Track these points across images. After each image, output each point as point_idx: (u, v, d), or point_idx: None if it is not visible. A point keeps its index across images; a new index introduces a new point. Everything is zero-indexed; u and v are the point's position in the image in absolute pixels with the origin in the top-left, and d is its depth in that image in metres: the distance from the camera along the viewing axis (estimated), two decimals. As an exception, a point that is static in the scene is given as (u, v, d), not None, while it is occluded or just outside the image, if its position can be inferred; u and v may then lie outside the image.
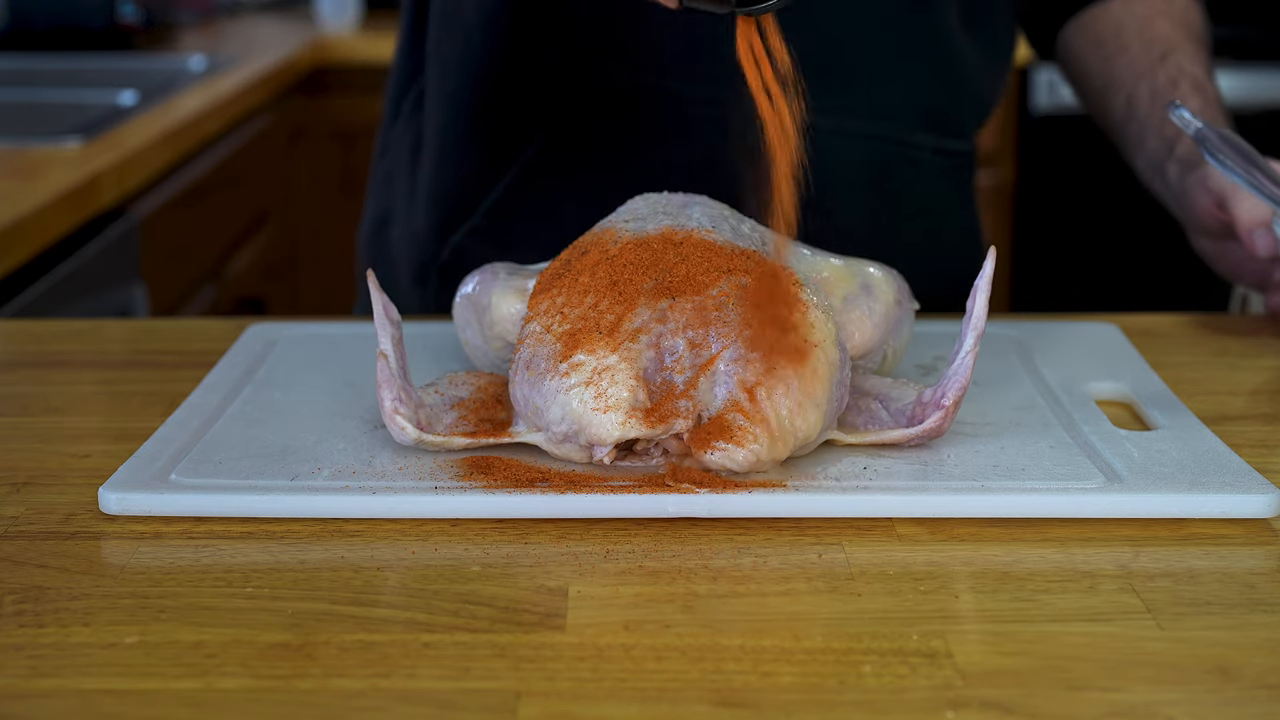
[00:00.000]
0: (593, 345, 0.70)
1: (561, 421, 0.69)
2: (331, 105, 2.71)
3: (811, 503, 0.67)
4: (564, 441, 0.70)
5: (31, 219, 1.38)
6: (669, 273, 0.73)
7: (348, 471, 0.70)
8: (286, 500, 0.68)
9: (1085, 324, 0.93)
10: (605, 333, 0.70)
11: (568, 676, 0.55)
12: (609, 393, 0.68)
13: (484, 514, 0.67)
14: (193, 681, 0.55)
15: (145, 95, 1.98)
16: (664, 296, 0.72)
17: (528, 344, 0.72)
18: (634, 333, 0.70)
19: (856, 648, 0.57)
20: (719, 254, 0.73)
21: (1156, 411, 0.78)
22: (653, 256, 0.73)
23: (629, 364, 0.69)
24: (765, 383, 0.68)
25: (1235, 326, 0.98)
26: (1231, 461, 0.71)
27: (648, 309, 0.71)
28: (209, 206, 2.07)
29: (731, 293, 0.71)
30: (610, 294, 0.72)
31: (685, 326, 0.71)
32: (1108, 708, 0.53)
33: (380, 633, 0.58)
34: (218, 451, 0.73)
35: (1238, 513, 0.67)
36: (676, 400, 0.69)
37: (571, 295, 0.72)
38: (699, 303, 0.71)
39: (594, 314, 0.71)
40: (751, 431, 0.67)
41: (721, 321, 0.70)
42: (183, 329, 1.04)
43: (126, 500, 0.68)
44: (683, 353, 0.70)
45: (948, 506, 0.67)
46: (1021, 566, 0.64)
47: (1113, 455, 0.72)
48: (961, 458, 0.72)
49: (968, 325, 0.72)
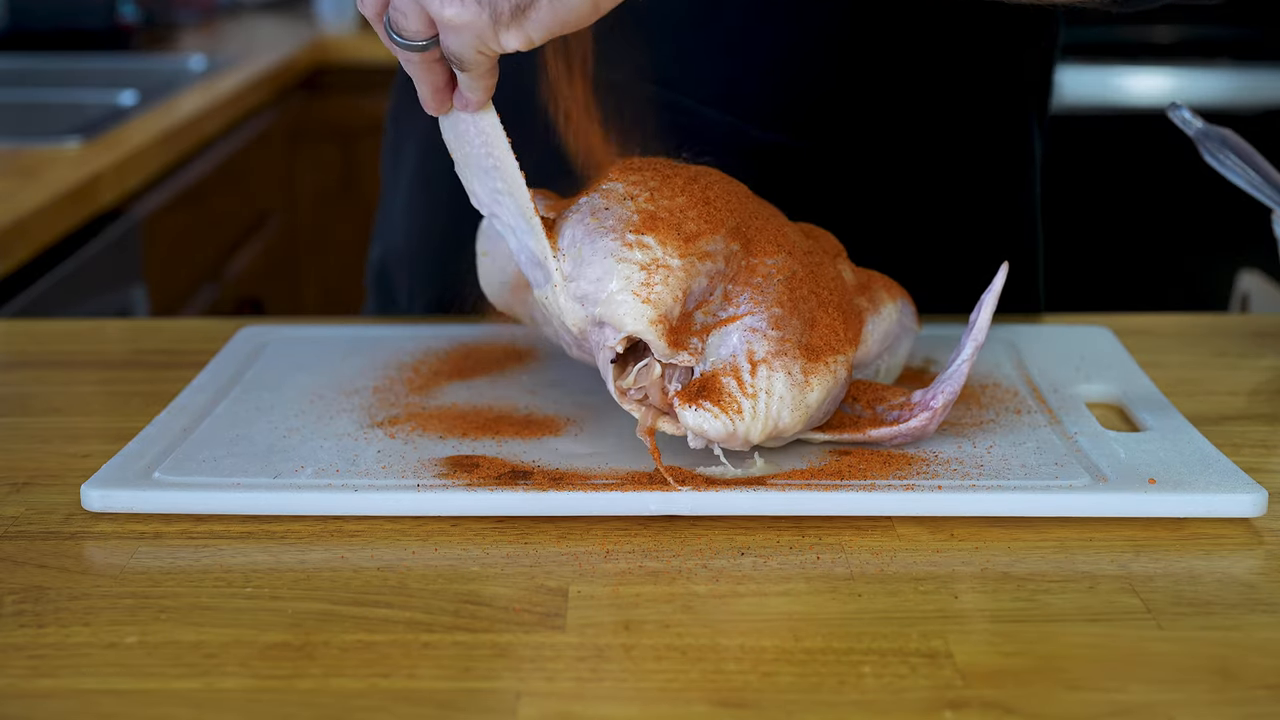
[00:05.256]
0: (666, 238, 0.69)
1: (595, 281, 0.68)
2: (331, 105, 2.71)
3: (810, 501, 0.67)
4: (578, 300, 0.69)
5: (31, 219, 1.38)
6: (749, 222, 0.73)
7: (331, 470, 0.70)
8: (269, 497, 0.68)
9: (1076, 327, 0.93)
10: (685, 238, 0.70)
11: (568, 676, 0.55)
12: (656, 288, 0.68)
13: (465, 511, 0.67)
14: (193, 681, 0.55)
15: (145, 95, 1.98)
16: (738, 239, 0.72)
17: (605, 197, 0.71)
18: (704, 254, 0.70)
19: (856, 648, 0.57)
20: (786, 230, 0.74)
21: (1145, 414, 0.78)
22: (740, 200, 0.74)
23: (686, 276, 0.69)
24: (770, 361, 0.68)
25: (1235, 326, 0.98)
26: (1218, 461, 0.71)
27: (723, 241, 0.71)
28: (209, 206, 2.07)
29: (782, 271, 0.72)
30: (700, 208, 0.72)
31: (733, 278, 0.71)
32: (1108, 708, 0.53)
33: (380, 633, 0.58)
34: (202, 450, 0.73)
35: (1224, 512, 0.67)
36: (692, 336, 0.69)
37: (664, 186, 0.72)
38: (754, 264, 0.72)
39: (680, 215, 0.71)
40: (738, 401, 0.67)
41: (761, 290, 0.70)
42: (183, 329, 1.04)
43: (109, 497, 0.68)
44: (717, 298, 0.71)
45: (933, 505, 0.67)
46: (1021, 566, 0.64)
47: (1099, 455, 0.72)
48: (948, 455, 0.72)
49: (968, 335, 0.72)
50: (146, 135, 1.74)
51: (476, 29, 0.64)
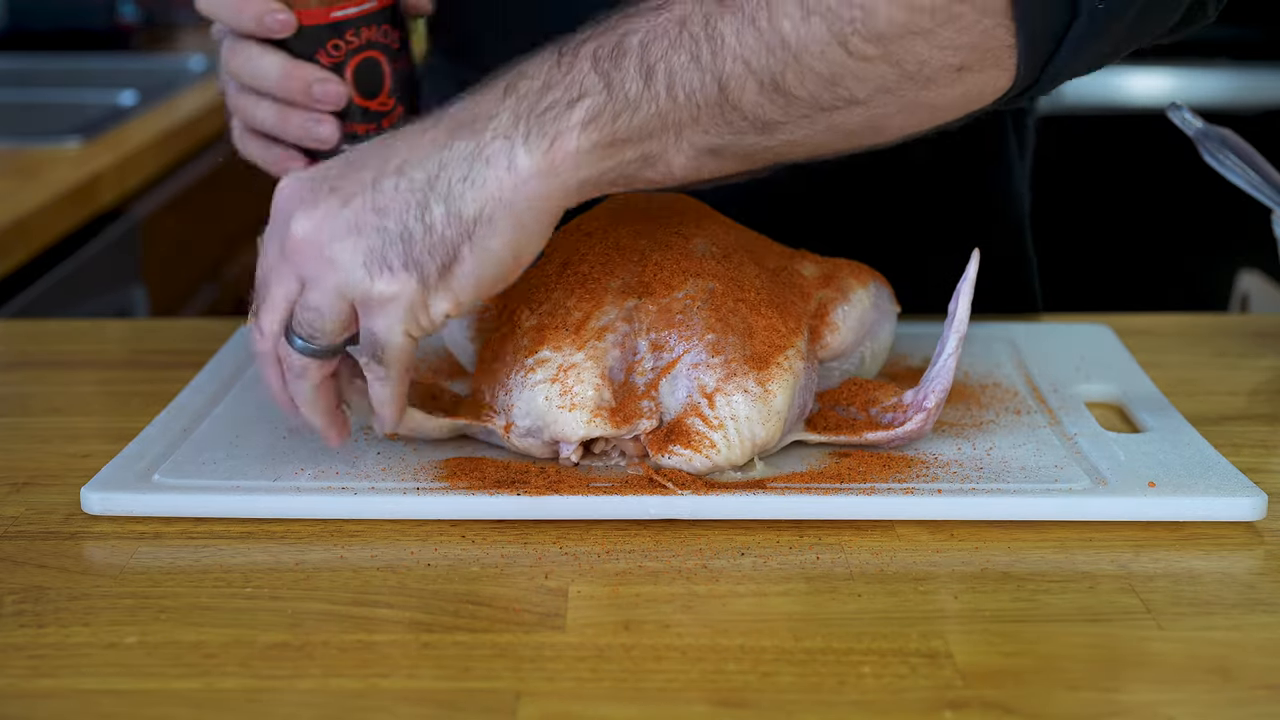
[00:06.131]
0: (559, 342, 0.70)
1: (526, 416, 0.69)
2: (331, 105, 2.70)
3: (810, 505, 0.67)
4: (527, 436, 0.70)
5: (32, 219, 1.38)
6: (638, 272, 0.72)
7: (331, 473, 0.70)
8: (270, 501, 0.68)
9: (1077, 325, 0.93)
10: (572, 330, 0.70)
11: (568, 676, 0.55)
12: (575, 390, 0.68)
13: (464, 515, 0.67)
14: (193, 681, 0.55)
15: (145, 95, 1.98)
16: (631, 296, 0.71)
17: (503, 341, 0.72)
18: (600, 331, 0.70)
19: (856, 648, 0.57)
20: (688, 257, 0.73)
21: (1145, 414, 0.78)
22: (622, 255, 0.73)
23: (595, 362, 0.69)
24: (723, 389, 0.68)
25: (1235, 326, 0.98)
26: (1218, 464, 0.71)
27: (615, 307, 0.71)
28: (209, 206, 2.07)
29: (698, 296, 0.71)
30: (579, 290, 0.71)
31: (649, 328, 0.70)
32: (1108, 708, 0.53)
33: (380, 633, 0.58)
34: (202, 452, 0.73)
35: (1224, 516, 0.67)
36: (639, 401, 0.69)
37: (540, 288, 0.72)
38: (664, 304, 0.71)
39: (562, 309, 0.71)
40: (708, 438, 0.68)
41: (685, 324, 0.70)
42: (182, 329, 1.04)
43: (109, 500, 0.68)
44: (644, 354, 0.70)
45: (933, 509, 0.67)
46: (1021, 567, 0.64)
47: (1099, 457, 0.72)
48: (947, 458, 0.72)
49: (950, 328, 0.71)
50: (146, 135, 1.73)
51: (406, 298, 0.63)
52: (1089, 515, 0.67)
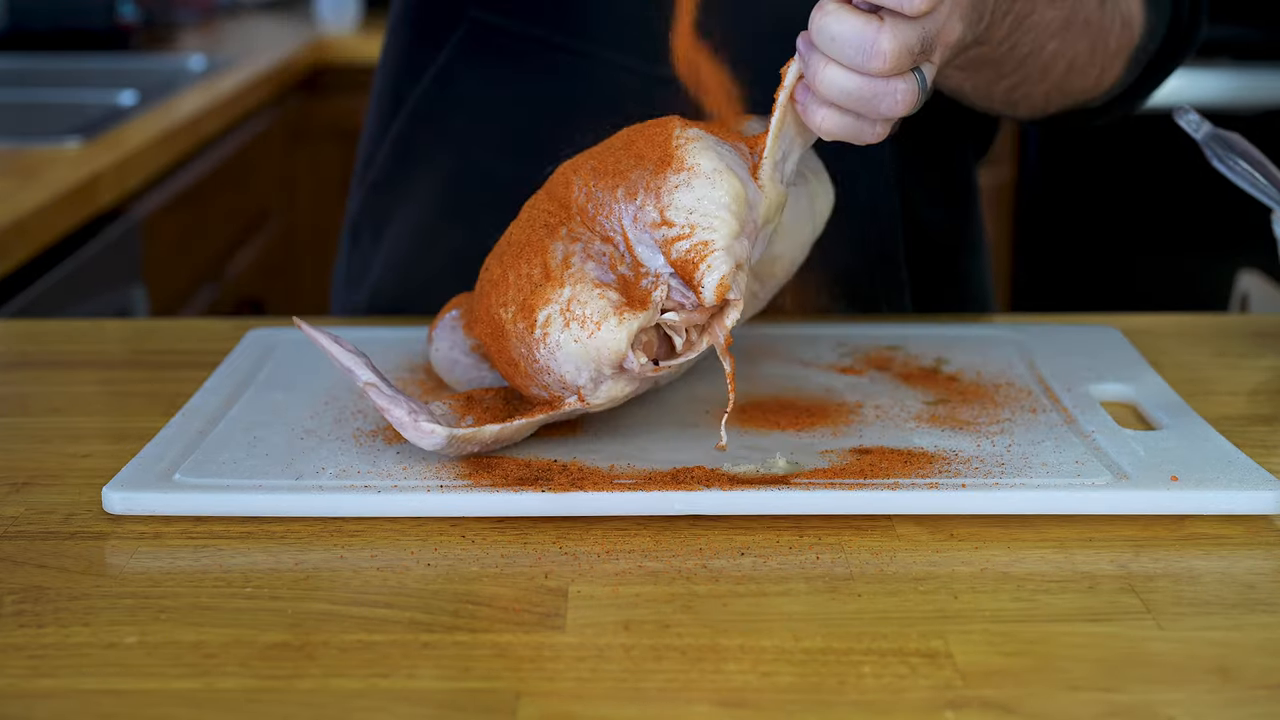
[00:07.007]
0: (544, 298, 0.70)
1: (579, 372, 0.69)
2: (331, 105, 2.71)
3: (813, 500, 0.67)
4: (596, 385, 0.70)
5: (31, 219, 1.38)
6: (545, 211, 0.74)
7: (352, 472, 0.70)
8: (292, 499, 0.68)
9: (1086, 326, 0.93)
10: (544, 282, 0.70)
11: (567, 676, 0.55)
12: (588, 314, 0.69)
13: (489, 512, 0.67)
14: (193, 681, 0.55)
15: (145, 95, 1.98)
16: (557, 225, 0.73)
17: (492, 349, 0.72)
18: (563, 264, 0.71)
19: (856, 648, 0.57)
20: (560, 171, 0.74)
21: (1160, 412, 0.78)
22: (527, 215, 0.74)
23: (582, 283, 0.70)
24: (663, 205, 0.69)
25: (1235, 326, 0.98)
26: (1237, 459, 0.71)
27: (556, 241, 0.72)
28: (209, 206, 2.07)
29: (588, 177, 0.72)
30: (523, 256, 0.72)
31: (588, 231, 0.72)
32: (1108, 708, 0.53)
33: (380, 633, 0.58)
34: (222, 452, 0.73)
35: (1245, 509, 0.67)
36: (639, 283, 0.70)
37: (498, 287, 0.73)
38: (580, 206, 0.72)
39: (525, 281, 0.71)
40: (698, 244, 0.68)
41: (601, 204, 0.71)
42: (183, 329, 1.04)
43: (131, 500, 0.68)
44: (608, 250, 0.71)
45: (957, 503, 0.67)
46: (1021, 566, 0.64)
47: (1119, 453, 0.72)
48: (968, 454, 0.72)
49: None
50: (146, 135, 1.74)
51: None
52: (1115, 509, 0.67)
